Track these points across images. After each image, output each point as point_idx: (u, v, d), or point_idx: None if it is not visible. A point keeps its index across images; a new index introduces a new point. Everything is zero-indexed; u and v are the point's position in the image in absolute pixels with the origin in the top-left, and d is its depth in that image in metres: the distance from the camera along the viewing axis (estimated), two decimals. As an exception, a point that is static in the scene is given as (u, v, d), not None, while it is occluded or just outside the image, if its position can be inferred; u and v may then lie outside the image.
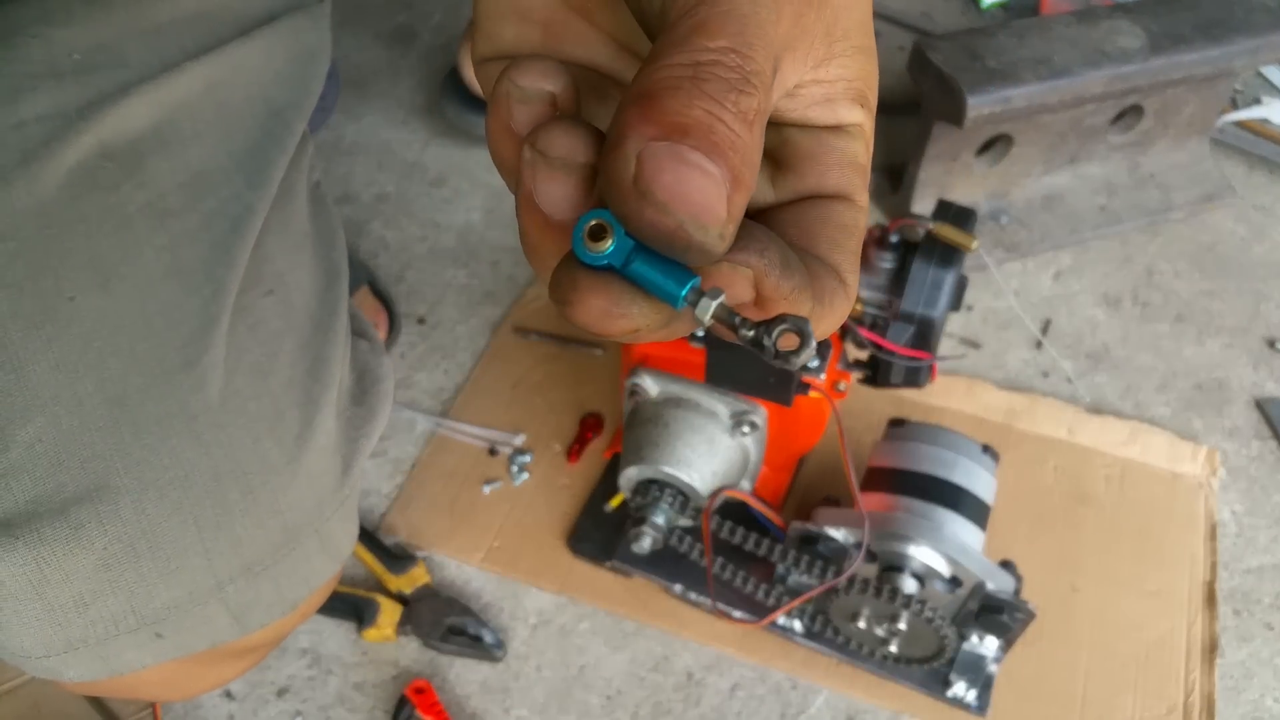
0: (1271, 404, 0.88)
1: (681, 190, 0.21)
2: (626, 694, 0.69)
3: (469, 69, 1.00)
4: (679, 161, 0.21)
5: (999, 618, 0.62)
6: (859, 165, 0.28)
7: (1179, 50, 0.93)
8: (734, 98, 0.22)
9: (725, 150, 0.21)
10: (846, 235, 0.27)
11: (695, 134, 0.21)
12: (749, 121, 0.22)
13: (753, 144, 0.22)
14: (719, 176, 0.21)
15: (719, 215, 0.21)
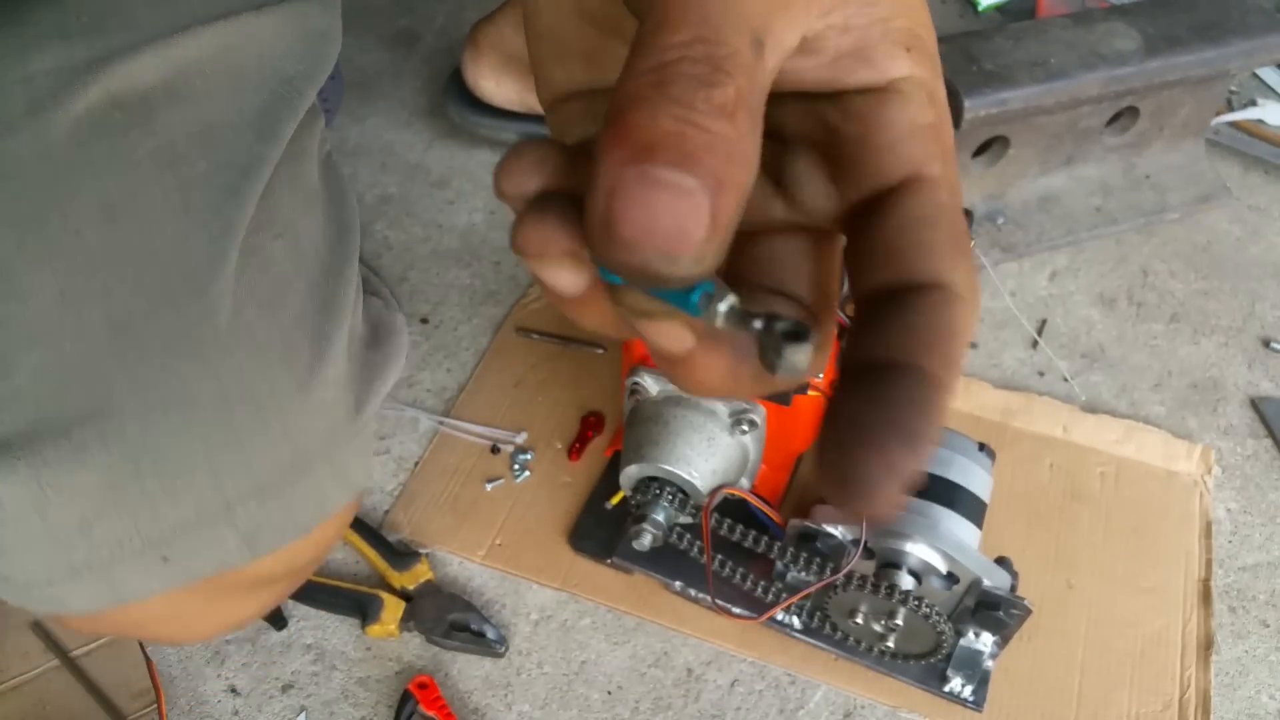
0: (1266, 403, 0.88)
1: (647, 220, 0.19)
2: (627, 689, 0.70)
3: (471, 72, 1.01)
4: (647, 186, 0.19)
5: (995, 614, 0.63)
6: (920, 128, 0.23)
7: (1175, 52, 0.94)
8: (704, 94, 0.19)
9: (699, 155, 0.19)
10: (932, 229, 0.22)
11: (663, 148, 0.19)
12: (727, 113, 0.19)
13: (736, 135, 0.19)
14: (695, 186, 0.19)
15: (692, 239, 0.19)
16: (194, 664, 0.70)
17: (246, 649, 0.71)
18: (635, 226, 0.19)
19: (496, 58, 0.99)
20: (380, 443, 0.83)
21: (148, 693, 0.68)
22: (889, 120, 0.23)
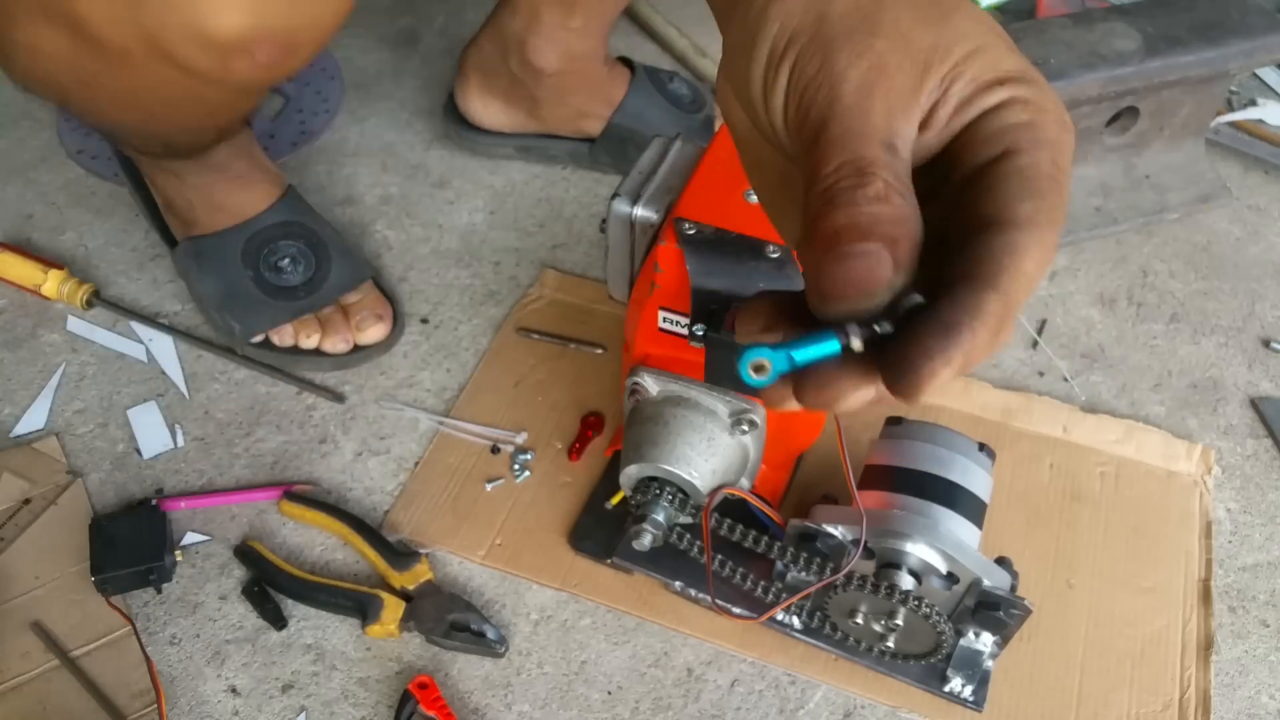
0: (1266, 403, 0.88)
1: (844, 276, 0.27)
2: (627, 689, 0.70)
3: (458, 96, 1.03)
4: (840, 258, 0.27)
5: (995, 614, 0.63)
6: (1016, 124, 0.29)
7: (1175, 52, 0.94)
8: (860, 192, 0.27)
9: (870, 228, 0.27)
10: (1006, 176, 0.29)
11: (843, 235, 0.27)
12: (882, 197, 0.27)
13: (892, 209, 0.27)
14: (874, 248, 0.26)
15: (882, 279, 0.26)
16: (194, 664, 0.70)
17: (246, 649, 0.71)
18: (834, 283, 0.27)
19: (480, 80, 1.00)
20: (380, 442, 0.83)
21: (148, 693, 0.68)
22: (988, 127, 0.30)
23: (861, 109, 0.28)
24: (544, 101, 0.99)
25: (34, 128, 1.08)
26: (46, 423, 0.83)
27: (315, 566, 0.75)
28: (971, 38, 0.30)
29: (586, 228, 1.01)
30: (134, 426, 0.83)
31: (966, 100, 0.30)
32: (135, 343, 0.89)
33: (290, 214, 0.89)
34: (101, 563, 0.72)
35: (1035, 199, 0.29)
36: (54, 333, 0.89)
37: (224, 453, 0.82)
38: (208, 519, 0.78)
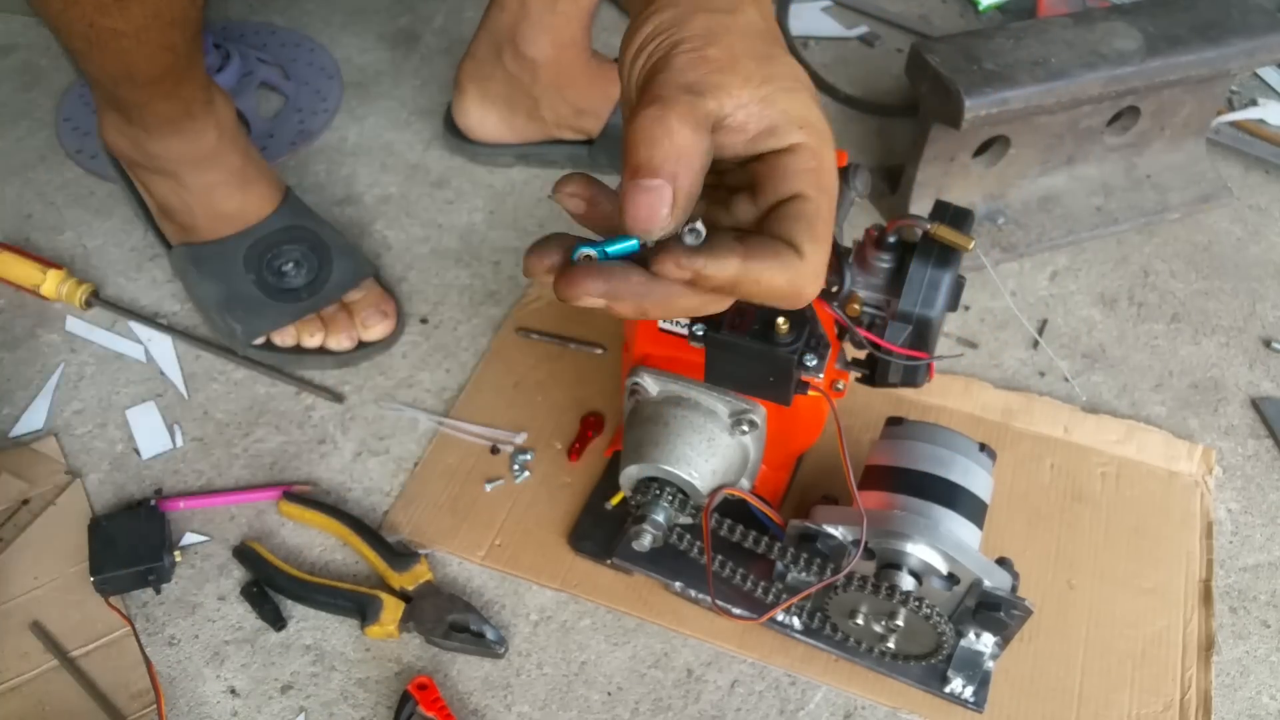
0: (1267, 403, 0.88)
1: (640, 206, 0.36)
2: (627, 690, 0.70)
3: (455, 109, 1.03)
4: (636, 189, 0.36)
5: (996, 614, 0.63)
6: (806, 170, 0.38)
7: (1175, 52, 0.94)
8: (662, 132, 0.36)
9: (660, 167, 0.36)
10: (798, 218, 0.38)
11: (644, 170, 0.36)
12: (677, 140, 0.36)
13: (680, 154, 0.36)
14: (663, 187, 0.36)
15: (660, 219, 0.36)
16: (193, 664, 0.70)
17: (246, 650, 0.71)
18: (636, 211, 0.36)
19: (477, 91, 1.01)
20: (380, 443, 0.83)
21: (147, 693, 0.68)
22: (787, 164, 0.38)
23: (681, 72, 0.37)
24: (543, 100, 0.99)
25: (33, 127, 1.08)
26: (45, 423, 0.83)
27: (314, 567, 0.75)
28: (787, 80, 0.39)
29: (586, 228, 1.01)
30: (133, 427, 0.83)
31: (774, 127, 0.38)
32: (134, 343, 0.88)
33: (292, 218, 0.89)
34: (100, 563, 0.71)
35: (815, 241, 0.38)
36: (53, 333, 0.89)
37: (223, 453, 0.82)
38: (207, 519, 0.77)
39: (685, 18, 0.38)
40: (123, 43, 0.72)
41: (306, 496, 0.77)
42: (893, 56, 1.22)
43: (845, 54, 1.22)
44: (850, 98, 1.15)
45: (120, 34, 0.72)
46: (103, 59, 0.74)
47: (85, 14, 0.70)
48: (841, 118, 1.14)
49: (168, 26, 0.74)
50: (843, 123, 1.14)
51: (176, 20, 0.74)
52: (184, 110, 0.81)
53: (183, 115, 0.82)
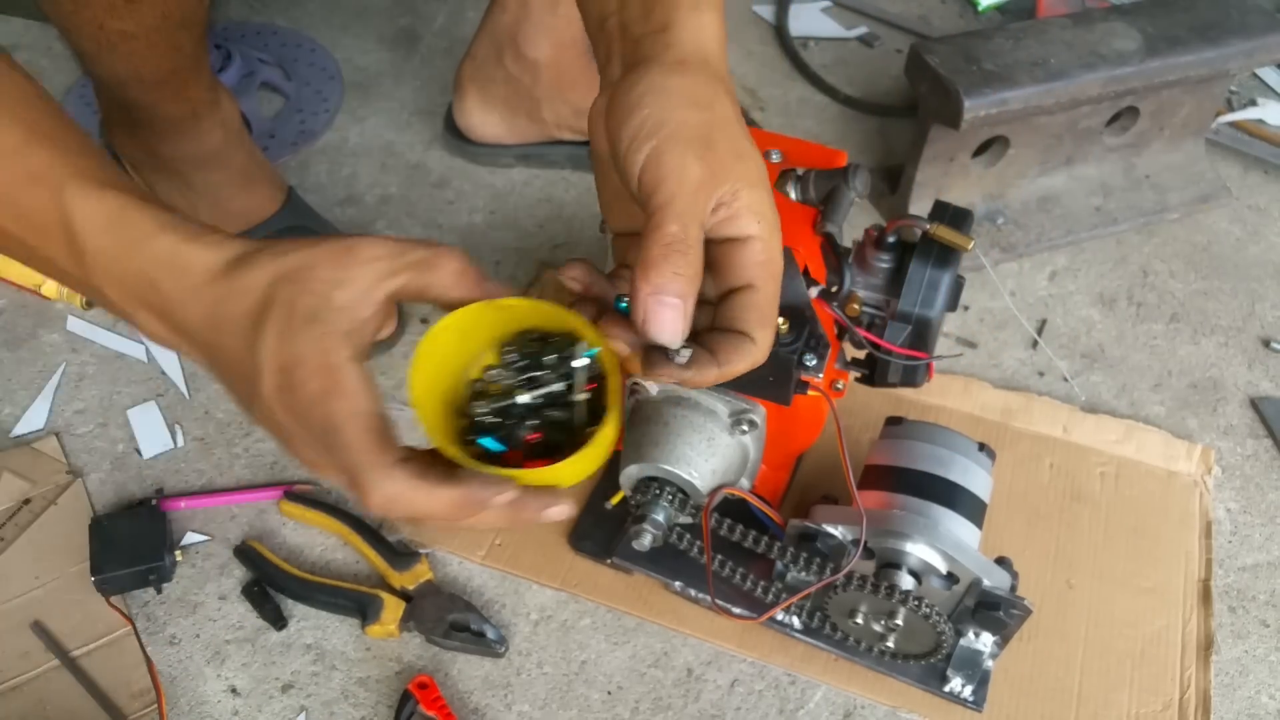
0: (1266, 403, 0.88)
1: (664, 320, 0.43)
2: (627, 689, 0.70)
3: (456, 111, 1.03)
4: (660, 305, 0.43)
5: (995, 614, 0.63)
6: (758, 263, 0.45)
7: (1174, 52, 0.94)
8: (682, 264, 0.43)
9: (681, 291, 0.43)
10: (751, 308, 0.46)
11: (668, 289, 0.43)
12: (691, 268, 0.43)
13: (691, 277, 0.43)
14: (679, 305, 0.43)
15: (674, 332, 0.44)
16: (194, 664, 0.70)
17: (246, 649, 0.71)
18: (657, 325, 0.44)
19: (478, 92, 1.01)
20: (380, 443, 0.83)
21: (148, 692, 0.68)
22: (742, 255, 0.45)
23: (695, 199, 0.44)
24: (543, 100, 1.00)
25: (34, 128, 1.08)
26: (46, 423, 0.83)
27: (315, 566, 0.75)
28: (751, 177, 0.45)
29: (586, 228, 1.01)
30: (134, 426, 0.83)
31: (735, 217, 0.45)
32: (135, 343, 0.89)
33: (295, 218, 0.89)
34: (101, 563, 0.72)
35: (764, 328, 0.46)
36: (54, 333, 0.89)
37: (224, 452, 0.82)
38: (208, 519, 0.78)
39: (674, 112, 0.44)
40: (132, 44, 0.73)
41: (307, 496, 0.78)
42: (892, 57, 1.22)
43: (845, 54, 1.22)
44: (850, 98, 1.15)
45: (130, 35, 0.72)
46: (111, 60, 0.74)
47: (95, 16, 0.70)
48: (841, 118, 1.14)
49: (176, 28, 0.74)
50: (842, 123, 1.14)
51: (185, 21, 0.74)
52: (190, 111, 0.81)
53: (189, 115, 0.82)
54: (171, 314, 0.46)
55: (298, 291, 0.43)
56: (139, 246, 0.45)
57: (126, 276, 0.45)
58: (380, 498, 0.43)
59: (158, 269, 0.45)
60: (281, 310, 0.43)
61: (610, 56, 0.50)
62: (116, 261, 0.45)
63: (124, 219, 0.45)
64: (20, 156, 0.45)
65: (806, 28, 1.25)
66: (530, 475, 0.45)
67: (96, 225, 0.45)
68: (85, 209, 0.45)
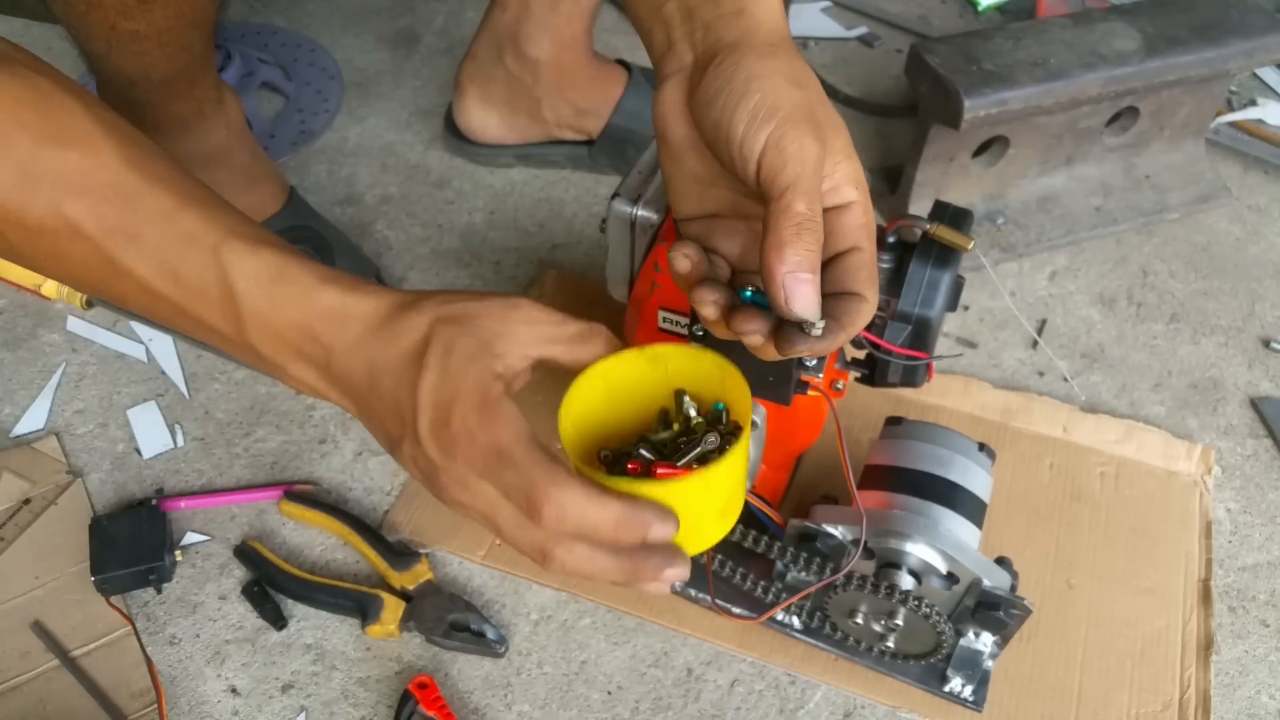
0: (1266, 403, 0.88)
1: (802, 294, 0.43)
2: (627, 689, 0.70)
3: (456, 110, 1.03)
4: (798, 282, 0.43)
5: (995, 614, 0.63)
6: (859, 224, 0.47)
7: (1175, 52, 0.94)
8: (812, 241, 0.44)
9: (813, 266, 0.44)
10: (859, 268, 0.46)
11: (804, 266, 0.43)
12: (818, 243, 0.44)
13: (818, 253, 0.44)
14: (814, 280, 0.43)
15: (813, 305, 0.44)
16: (194, 664, 0.70)
17: (246, 649, 0.71)
18: (799, 300, 0.43)
19: (478, 92, 1.01)
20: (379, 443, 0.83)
21: (148, 692, 0.68)
22: (846, 221, 0.47)
23: (815, 177, 0.45)
24: (544, 100, 1.00)
25: (34, 128, 1.08)
26: (46, 422, 0.83)
27: (315, 566, 0.76)
28: (847, 148, 0.47)
29: (586, 228, 1.01)
30: (134, 426, 0.83)
31: (837, 187, 0.47)
32: (135, 342, 0.89)
33: (296, 217, 0.89)
34: (101, 563, 0.72)
35: (871, 286, 0.46)
36: (54, 332, 0.89)
37: (224, 452, 0.82)
38: (208, 519, 0.78)
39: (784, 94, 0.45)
40: (143, 44, 0.73)
41: (307, 496, 0.78)
42: (892, 57, 1.22)
43: (845, 54, 1.22)
44: (850, 98, 1.15)
45: (141, 36, 0.72)
46: (121, 61, 0.75)
47: (107, 17, 0.70)
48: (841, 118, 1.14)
49: (188, 27, 0.74)
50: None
51: (196, 21, 0.75)
52: (196, 109, 0.82)
53: (195, 114, 0.82)
54: (330, 365, 0.48)
55: (458, 333, 0.46)
56: (300, 300, 0.47)
57: (286, 330, 0.47)
58: (554, 506, 0.43)
59: (320, 321, 0.47)
60: (440, 348, 0.45)
61: (673, 42, 0.50)
62: (276, 315, 0.47)
63: (284, 275, 0.47)
64: (173, 220, 0.47)
65: (806, 28, 1.25)
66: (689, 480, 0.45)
67: (256, 282, 0.47)
68: (243, 267, 0.47)
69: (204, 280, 0.47)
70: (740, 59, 0.46)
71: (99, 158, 0.46)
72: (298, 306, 0.47)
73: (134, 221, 0.46)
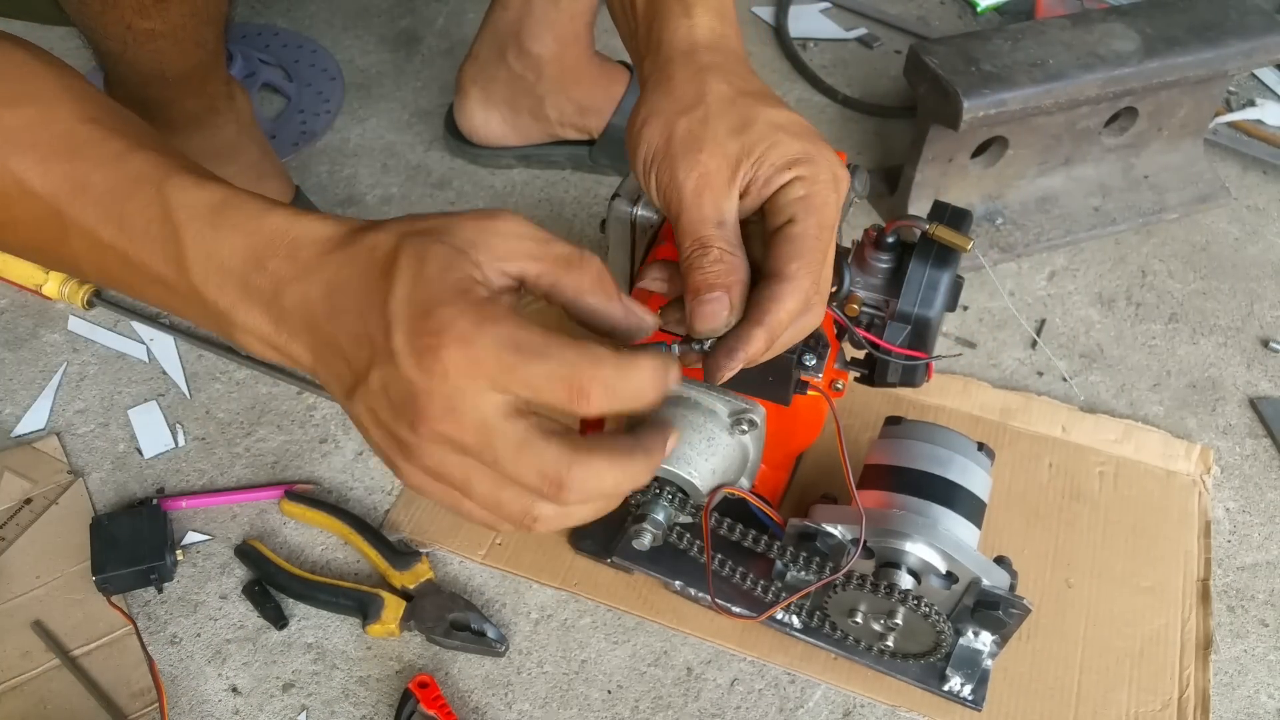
0: (1265, 403, 0.89)
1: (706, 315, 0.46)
2: (627, 688, 0.70)
3: (457, 112, 1.03)
4: (699, 303, 0.46)
5: (994, 613, 0.63)
6: (795, 199, 0.46)
7: (1173, 53, 0.94)
8: (705, 259, 0.46)
9: (714, 282, 0.46)
10: (785, 242, 0.46)
11: (700, 288, 0.46)
12: (718, 259, 0.46)
13: (725, 266, 0.46)
14: (718, 295, 0.46)
15: (722, 320, 0.46)
16: (195, 663, 0.70)
17: (247, 648, 0.71)
18: (702, 320, 0.46)
19: (480, 93, 1.01)
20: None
21: (149, 692, 0.68)
22: (780, 199, 0.47)
23: (697, 204, 0.46)
24: (547, 97, 1.00)
25: (35, 128, 1.08)
26: (47, 422, 0.83)
27: (316, 566, 0.76)
28: (766, 138, 0.46)
29: (586, 228, 1.01)
30: (135, 426, 0.83)
31: (768, 179, 0.47)
32: (136, 342, 0.89)
33: None
34: (102, 562, 0.72)
35: (799, 259, 0.46)
36: (55, 333, 0.89)
37: (225, 452, 0.82)
38: (209, 518, 0.78)
39: (666, 130, 0.47)
40: (159, 43, 0.73)
41: (308, 495, 0.78)
42: (891, 58, 1.22)
43: (844, 55, 1.22)
44: (849, 99, 1.15)
45: (158, 34, 0.72)
46: (137, 59, 0.75)
47: (124, 16, 0.70)
48: (840, 119, 1.14)
49: (203, 24, 0.75)
50: (841, 123, 1.14)
51: (212, 17, 0.75)
52: (209, 105, 0.82)
53: (207, 110, 0.82)
54: (280, 298, 0.41)
55: (430, 241, 0.39)
56: (245, 226, 0.41)
57: (230, 263, 0.41)
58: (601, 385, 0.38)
59: (267, 245, 0.41)
60: (412, 257, 0.39)
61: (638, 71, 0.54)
62: (219, 243, 0.42)
63: (228, 204, 0.42)
64: (122, 162, 0.44)
65: (806, 29, 1.25)
66: None
67: (198, 213, 0.42)
68: (186, 198, 0.42)
69: (148, 219, 0.43)
70: (643, 101, 0.50)
71: (53, 113, 0.44)
72: (242, 232, 0.41)
73: (82, 169, 0.43)
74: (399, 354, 0.38)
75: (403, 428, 0.39)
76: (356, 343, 0.40)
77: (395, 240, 0.40)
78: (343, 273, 0.40)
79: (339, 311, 0.40)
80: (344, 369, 0.41)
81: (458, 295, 0.38)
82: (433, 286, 0.38)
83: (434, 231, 0.40)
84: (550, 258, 0.42)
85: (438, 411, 0.38)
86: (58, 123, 0.44)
